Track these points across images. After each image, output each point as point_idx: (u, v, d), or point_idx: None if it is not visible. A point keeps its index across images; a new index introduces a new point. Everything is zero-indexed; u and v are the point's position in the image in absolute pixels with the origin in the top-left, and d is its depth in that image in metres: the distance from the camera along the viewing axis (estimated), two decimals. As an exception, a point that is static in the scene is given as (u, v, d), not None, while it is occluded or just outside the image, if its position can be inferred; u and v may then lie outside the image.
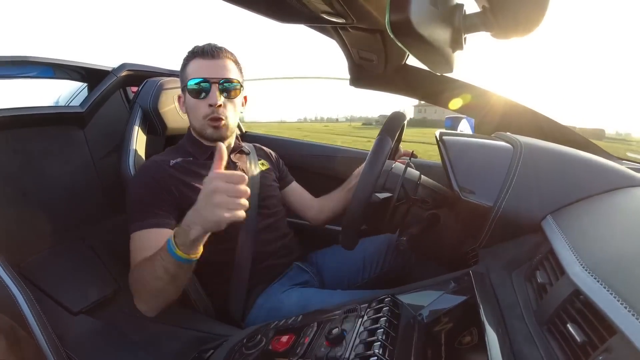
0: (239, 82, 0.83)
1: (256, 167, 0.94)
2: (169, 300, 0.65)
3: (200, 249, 0.59)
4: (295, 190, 1.06)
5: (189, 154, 0.84)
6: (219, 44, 0.83)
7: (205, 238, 0.58)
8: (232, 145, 0.91)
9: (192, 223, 0.55)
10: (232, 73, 0.81)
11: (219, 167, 0.55)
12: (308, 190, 1.08)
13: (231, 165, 0.88)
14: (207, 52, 0.80)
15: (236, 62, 0.84)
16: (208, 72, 0.79)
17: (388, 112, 0.72)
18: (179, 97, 0.87)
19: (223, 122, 0.81)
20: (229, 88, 0.81)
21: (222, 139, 0.84)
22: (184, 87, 0.82)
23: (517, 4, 0.35)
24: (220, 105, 0.79)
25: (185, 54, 0.84)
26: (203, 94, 0.79)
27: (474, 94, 0.97)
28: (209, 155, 0.85)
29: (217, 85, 0.79)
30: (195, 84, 0.79)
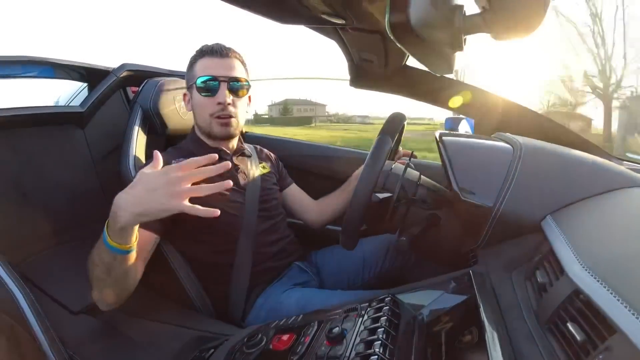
0: (247, 82, 0.84)
1: (257, 170, 0.93)
2: (114, 295, 0.63)
3: (133, 240, 0.57)
4: (294, 193, 1.05)
5: (191, 154, 0.84)
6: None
7: (136, 229, 0.57)
8: (235, 147, 0.91)
9: (120, 208, 0.53)
10: (240, 72, 0.83)
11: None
12: (308, 191, 1.08)
13: (233, 167, 0.88)
14: (216, 51, 0.81)
15: (243, 62, 0.86)
16: (217, 70, 0.80)
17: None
18: (185, 95, 0.87)
19: (232, 119, 0.83)
20: (237, 87, 0.82)
21: (230, 137, 0.85)
22: (191, 85, 0.83)
23: (517, 5, 0.36)
24: (229, 104, 0.81)
25: (185, 54, 0.85)
26: (212, 92, 0.80)
27: (474, 95, 0.97)
28: None
29: (226, 83, 0.80)
30: (204, 81, 0.80)
